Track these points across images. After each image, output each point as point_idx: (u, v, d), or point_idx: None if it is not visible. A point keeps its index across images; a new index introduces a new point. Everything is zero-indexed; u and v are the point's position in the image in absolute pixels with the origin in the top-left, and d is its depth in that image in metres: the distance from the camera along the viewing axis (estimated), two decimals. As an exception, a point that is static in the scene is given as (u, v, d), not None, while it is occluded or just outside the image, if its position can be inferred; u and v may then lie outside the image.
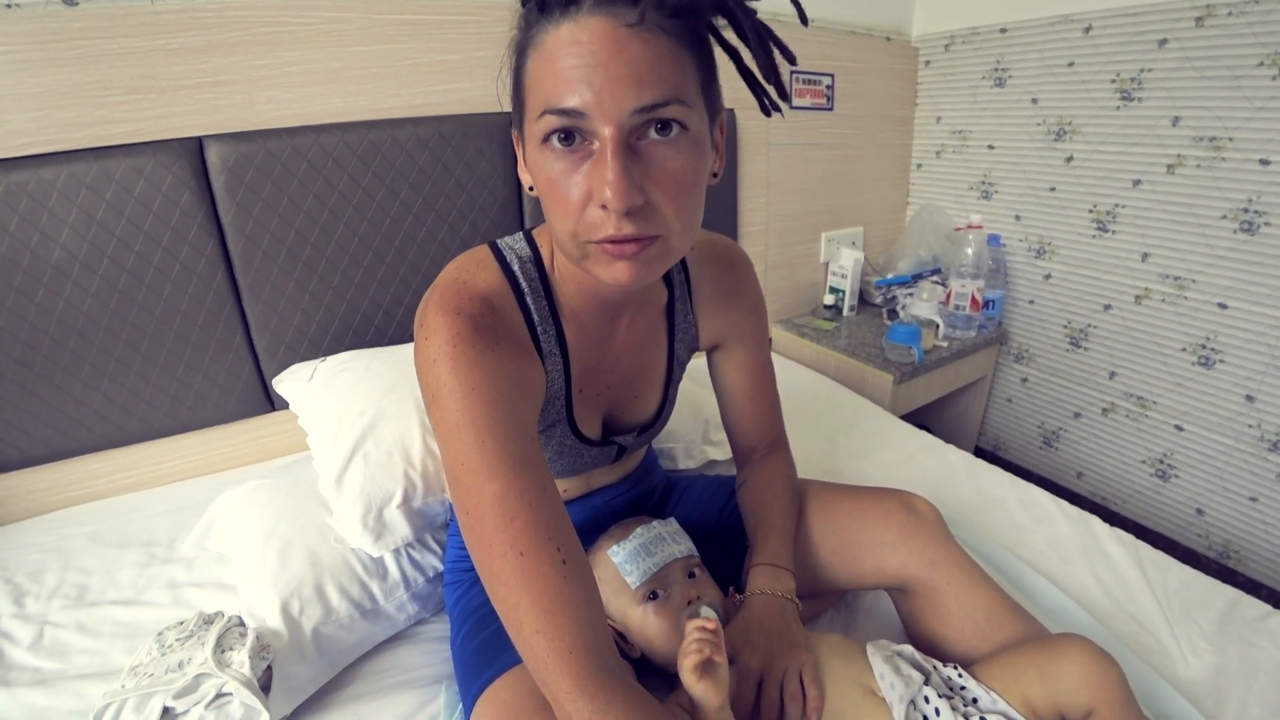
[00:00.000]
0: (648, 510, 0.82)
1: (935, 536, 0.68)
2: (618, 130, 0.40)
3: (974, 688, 0.57)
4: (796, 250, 1.74)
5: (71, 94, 0.85)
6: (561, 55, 0.40)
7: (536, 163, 0.45)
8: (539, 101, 0.42)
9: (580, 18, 0.40)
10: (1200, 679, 0.70)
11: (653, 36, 0.40)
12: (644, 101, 0.40)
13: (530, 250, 0.58)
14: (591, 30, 0.40)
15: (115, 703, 0.61)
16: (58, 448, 0.96)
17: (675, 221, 0.44)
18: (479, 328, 0.50)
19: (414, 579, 0.81)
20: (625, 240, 0.43)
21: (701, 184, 0.46)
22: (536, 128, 0.43)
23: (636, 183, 0.42)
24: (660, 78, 0.41)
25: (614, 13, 0.40)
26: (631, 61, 0.40)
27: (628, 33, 0.39)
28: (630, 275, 0.45)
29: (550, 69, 0.41)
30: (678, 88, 0.42)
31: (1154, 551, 0.90)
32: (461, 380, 0.47)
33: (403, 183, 1.07)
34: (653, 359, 0.68)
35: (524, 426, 0.49)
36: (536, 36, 0.42)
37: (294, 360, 1.06)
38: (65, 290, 0.89)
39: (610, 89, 0.40)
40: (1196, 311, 1.39)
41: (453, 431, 0.47)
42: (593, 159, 0.42)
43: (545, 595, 0.44)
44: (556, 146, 0.43)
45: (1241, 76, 1.22)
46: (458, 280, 0.53)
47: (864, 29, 1.68)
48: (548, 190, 0.45)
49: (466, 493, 0.46)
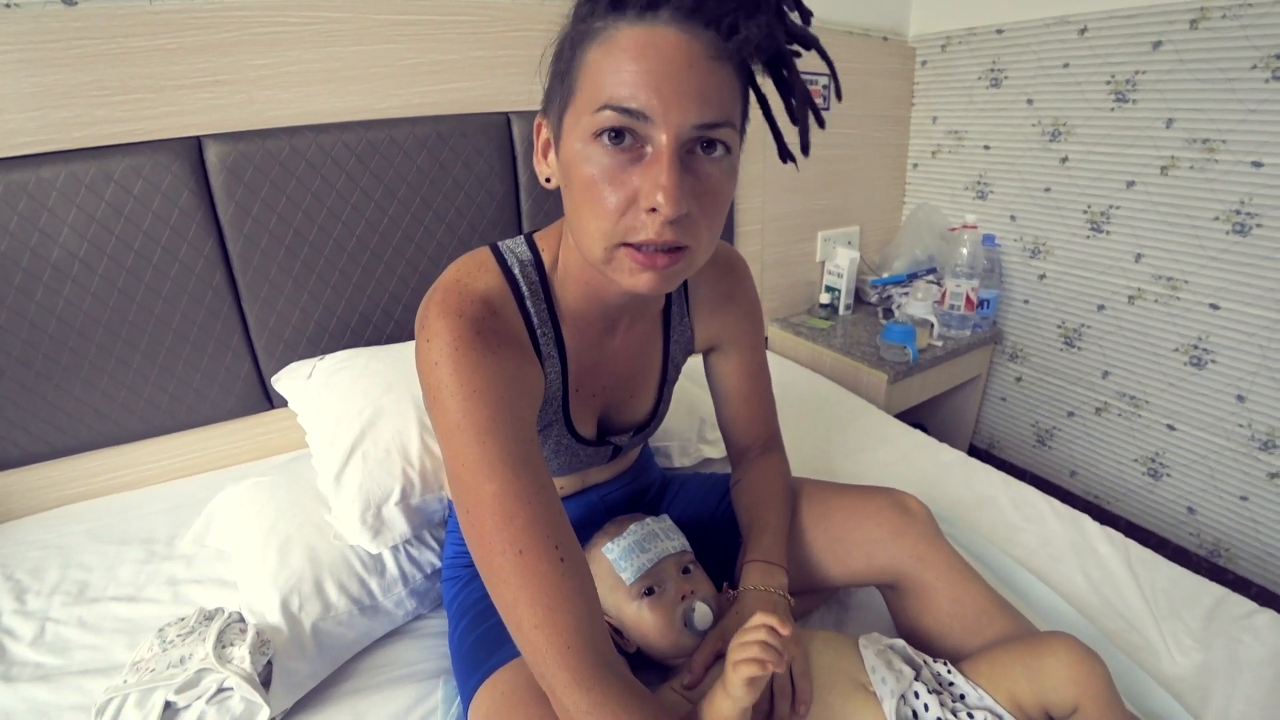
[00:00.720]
0: (643, 507, 0.83)
1: (925, 534, 0.69)
2: (676, 139, 0.42)
3: (962, 684, 0.58)
4: (792, 249, 1.75)
5: (70, 93, 0.85)
6: (632, 55, 0.41)
7: (579, 156, 0.45)
8: (598, 95, 0.42)
9: (658, 25, 0.41)
10: (1185, 675, 0.72)
11: (720, 62, 0.42)
12: (704, 119, 0.42)
13: (531, 254, 0.59)
14: (669, 40, 0.41)
15: (117, 698, 0.62)
16: (58, 445, 0.96)
17: (705, 235, 0.47)
18: (480, 330, 0.50)
19: (412, 575, 0.82)
20: (662, 248, 0.44)
21: (728, 207, 0.49)
22: (590, 120, 0.43)
23: (687, 191, 0.43)
24: (721, 100, 0.43)
25: (691, 30, 0.41)
26: (701, 80, 0.41)
27: (701, 52, 0.41)
28: (653, 285, 0.46)
29: (616, 64, 0.42)
30: (731, 113, 0.44)
31: (1142, 549, 0.91)
32: (463, 382, 0.48)
33: (401, 182, 1.07)
34: (648, 362, 0.69)
35: (523, 427, 0.50)
36: (605, 30, 0.42)
37: (292, 358, 1.07)
38: (65, 289, 0.89)
39: (678, 99, 0.41)
40: (1189, 312, 1.40)
41: (454, 432, 0.48)
42: (643, 162, 0.43)
43: (543, 592, 0.45)
44: (606, 143, 0.43)
45: (1235, 79, 1.23)
46: (459, 282, 0.54)
47: (861, 29, 1.68)
48: (586, 186, 0.45)
49: (467, 492, 0.47)
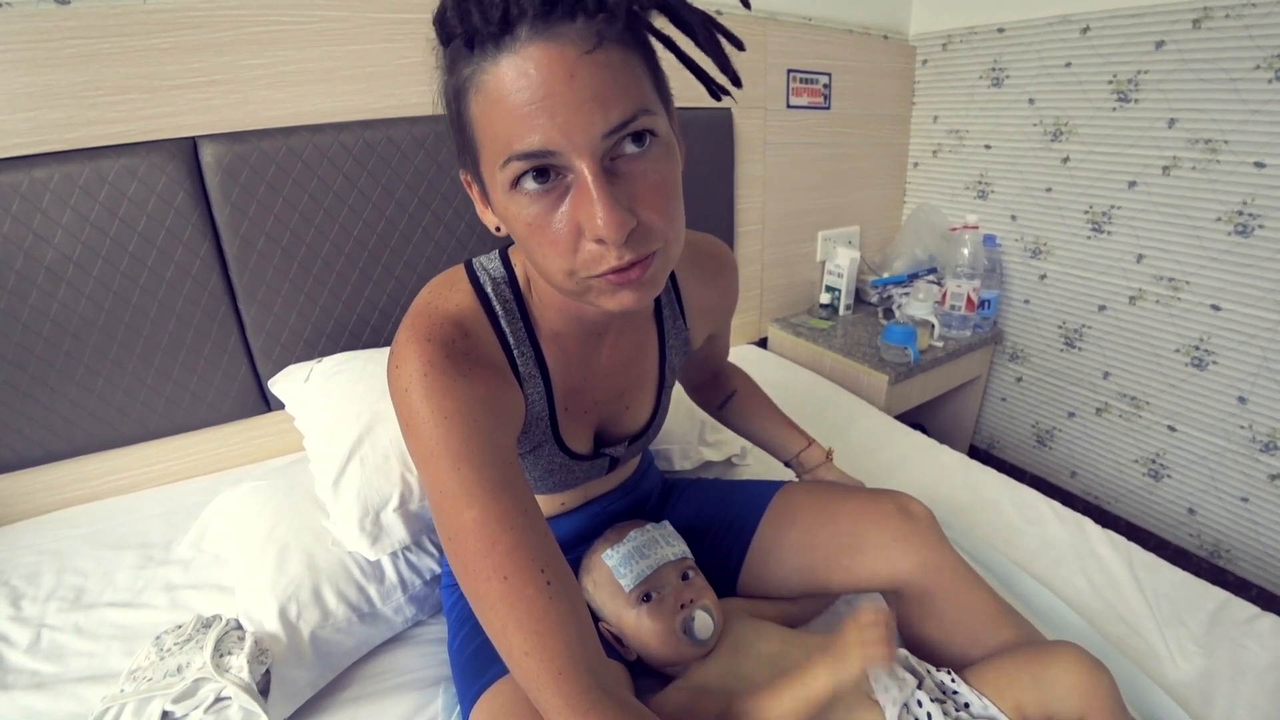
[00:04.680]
0: (645, 514, 0.82)
1: (929, 540, 0.68)
2: (593, 159, 0.38)
3: (966, 692, 0.58)
4: (793, 249, 1.75)
5: (64, 94, 0.84)
6: (510, 93, 0.37)
7: (509, 209, 0.42)
8: (498, 148, 0.39)
9: (520, 48, 0.36)
10: (1188, 681, 0.71)
11: (601, 52, 0.37)
12: (611, 123, 0.38)
13: (505, 270, 0.57)
14: (537, 58, 0.36)
15: (114, 707, 0.61)
16: (53, 449, 0.96)
17: (669, 230, 0.43)
18: (450, 354, 0.49)
19: (411, 582, 0.81)
20: (628, 266, 0.41)
21: (680, 185, 0.45)
22: (502, 175, 0.40)
23: (625, 206, 0.39)
24: (621, 92, 0.38)
25: (555, 36, 0.36)
26: (588, 84, 0.37)
27: (575, 55, 0.36)
28: (637, 299, 0.44)
29: (501, 110, 0.38)
30: (639, 98, 0.39)
31: (1145, 553, 0.90)
32: (434, 408, 0.47)
33: (398, 182, 1.06)
34: (643, 371, 0.67)
35: (501, 450, 0.48)
36: (475, 77, 0.39)
37: (289, 361, 1.06)
38: (59, 291, 0.88)
39: (574, 117, 0.37)
40: (1190, 313, 1.40)
41: (429, 459, 0.47)
42: (572, 192, 0.40)
43: (531, 618, 0.43)
44: (530, 188, 0.40)
45: (1238, 79, 1.22)
46: (429, 305, 0.52)
47: (861, 28, 1.68)
48: (530, 234, 0.42)
49: (447, 519, 0.46)
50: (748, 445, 1.14)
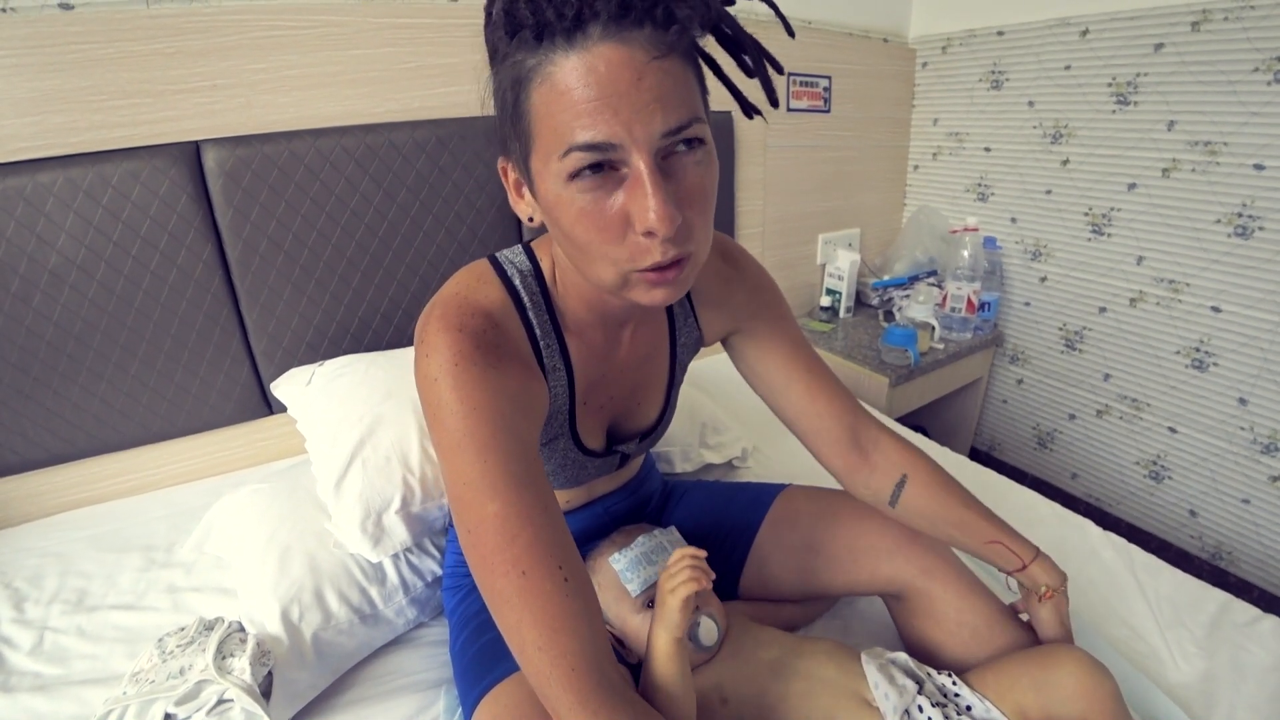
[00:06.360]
0: (646, 516, 0.82)
1: (931, 544, 0.68)
2: (650, 155, 0.40)
3: (968, 695, 0.58)
4: (793, 252, 1.75)
5: (67, 98, 0.85)
6: (577, 88, 0.39)
7: (560, 200, 0.43)
8: (560, 139, 0.41)
9: (591, 46, 0.38)
10: (1190, 683, 0.71)
11: (666, 60, 0.40)
12: (670, 125, 0.40)
13: (531, 264, 0.58)
14: (609, 60, 0.38)
15: (117, 709, 0.61)
16: (56, 452, 0.96)
17: (701, 233, 0.45)
18: (481, 345, 0.49)
19: (413, 584, 0.81)
20: (669, 265, 0.43)
21: (716, 192, 0.47)
22: (560, 165, 0.41)
23: (675, 203, 0.41)
24: (680, 99, 0.41)
25: (626, 40, 0.38)
26: (654, 88, 0.39)
27: (645, 58, 0.39)
28: (668, 297, 0.45)
29: (565, 102, 0.39)
30: (694, 106, 0.42)
31: (1146, 555, 0.90)
32: (463, 399, 0.47)
33: (400, 187, 1.06)
34: (656, 367, 0.67)
35: (526, 445, 0.49)
36: (541, 67, 0.40)
37: (292, 364, 1.06)
38: (62, 295, 0.89)
39: (638, 116, 0.39)
40: (1190, 315, 1.40)
41: (454, 450, 0.47)
42: (626, 184, 0.41)
43: (547, 613, 0.44)
44: (587, 179, 0.41)
45: (1237, 81, 1.22)
46: (459, 295, 0.53)
47: (861, 31, 1.68)
48: (578, 226, 0.43)
49: (468, 511, 0.46)
50: (749, 447, 1.14)
